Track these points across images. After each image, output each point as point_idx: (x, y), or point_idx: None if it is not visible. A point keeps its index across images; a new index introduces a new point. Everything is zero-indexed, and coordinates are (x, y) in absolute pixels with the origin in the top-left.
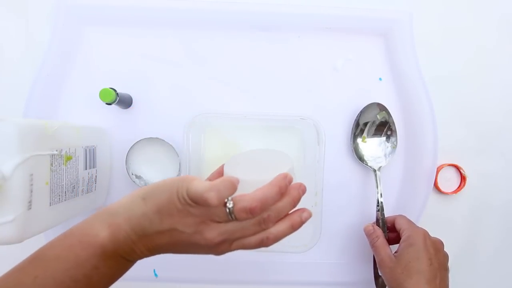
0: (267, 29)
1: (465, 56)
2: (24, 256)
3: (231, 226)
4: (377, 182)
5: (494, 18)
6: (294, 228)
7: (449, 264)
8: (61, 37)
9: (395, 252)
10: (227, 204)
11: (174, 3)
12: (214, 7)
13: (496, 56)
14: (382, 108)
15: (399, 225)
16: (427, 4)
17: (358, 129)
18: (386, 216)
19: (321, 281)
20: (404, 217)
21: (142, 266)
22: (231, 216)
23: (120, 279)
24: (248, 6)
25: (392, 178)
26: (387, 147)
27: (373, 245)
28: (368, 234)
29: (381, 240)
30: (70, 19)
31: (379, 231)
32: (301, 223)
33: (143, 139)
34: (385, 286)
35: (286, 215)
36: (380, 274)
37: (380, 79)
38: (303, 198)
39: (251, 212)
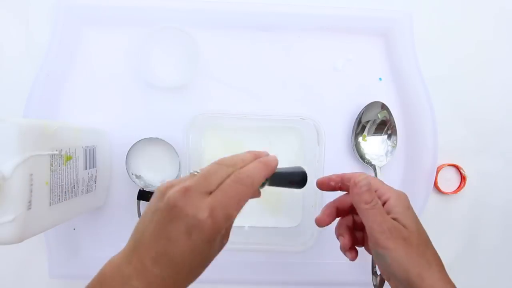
0: (267, 29)
1: (465, 56)
2: (24, 256)
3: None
4: None
5: (493, 18)
6: (261, 161)
7: (450, 263)
8: (61, 37)
9: None
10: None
11: (174, 3)
12: (214, 7)
13: (496, 55)
14: (383, 107)
15: (376, 187)
16: (427, 4)
17: (360, 127)
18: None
19: (321, 281)
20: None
21: None
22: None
23: None
24: (248, 6)
25: (392, 177)
26: (388, 146)
27: (373, 207)
28: (362, 193)
29: (380, 205)
30: (70, 19)
31: (374, 195)
32: (266, 157)
33: (143, 139)
34: (383, 284)
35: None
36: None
37: (380, 79)
38: (304, 199)
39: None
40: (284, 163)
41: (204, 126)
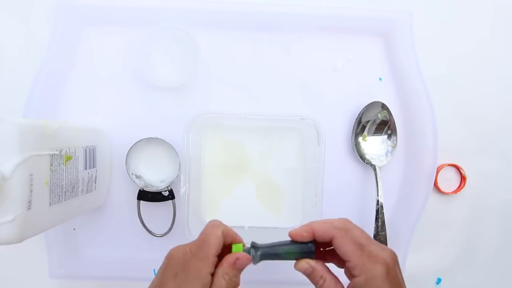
0: (267, 29)
1: (465, 56)
2: (24, 256)
3: None
4: (377, 181)
5: (493, 18)
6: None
7: (450, 263)
8: (61, 37)
9: None
10: None
11: (174, 3)
12: (214, 7)
13: (496, 55)
14: (383, 107)
15: (345, 254)
16: (427, 4)
17: (360, 127)
18: (321, 218)
19: None
20: (349, 239)
21: (142, 266)
22: None
23: (121, 279)
24: (248, 6)
25: (392, 178)
26: (388, 146)
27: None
28: (307, 275)
29: (329, 281)
30: (70, 19)
31: (321, 269)
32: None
33: (143, 139)
34: None
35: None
36: None
37: (380, 79)
38: (304, 199)
39: None
40: (285, 163)
41: (204, 126)
